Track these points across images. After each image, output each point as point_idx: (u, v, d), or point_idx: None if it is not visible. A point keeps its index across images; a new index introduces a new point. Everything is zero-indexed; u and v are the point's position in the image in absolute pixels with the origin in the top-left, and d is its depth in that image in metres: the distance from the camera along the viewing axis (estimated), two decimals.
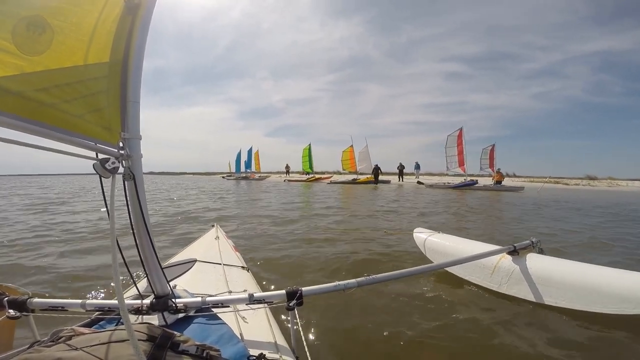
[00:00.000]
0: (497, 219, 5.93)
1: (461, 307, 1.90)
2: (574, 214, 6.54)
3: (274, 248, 3.43)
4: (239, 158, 34.47)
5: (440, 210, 7.16)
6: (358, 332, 1.66)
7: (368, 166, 21.24)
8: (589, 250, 3.41)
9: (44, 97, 0.66)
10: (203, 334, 0.91)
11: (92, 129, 0.75)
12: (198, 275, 1.53)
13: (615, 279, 1.62)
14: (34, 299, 1.04)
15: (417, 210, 6.86)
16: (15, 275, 2.58)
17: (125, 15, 0.81)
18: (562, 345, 1.49)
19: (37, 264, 2.86)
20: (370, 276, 1.24)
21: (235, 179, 30.74)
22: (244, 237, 3.97)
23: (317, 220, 5.47)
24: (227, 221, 5.36)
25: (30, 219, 5.67)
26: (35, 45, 0.66)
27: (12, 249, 3.43)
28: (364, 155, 21.84)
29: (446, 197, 10.59)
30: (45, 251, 3.32)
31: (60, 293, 2.19)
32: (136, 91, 0.85)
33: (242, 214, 6.40)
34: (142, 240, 0.93)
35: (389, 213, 6.48)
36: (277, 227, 4.76)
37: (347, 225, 4.89)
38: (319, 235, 4.14)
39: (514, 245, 1.92)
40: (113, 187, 0.76)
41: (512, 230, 4.60)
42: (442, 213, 6.62)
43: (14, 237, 4.04)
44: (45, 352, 0.60)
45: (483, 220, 5.74)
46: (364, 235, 4.07)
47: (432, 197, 10.68)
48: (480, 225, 5.12)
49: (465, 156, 16.73)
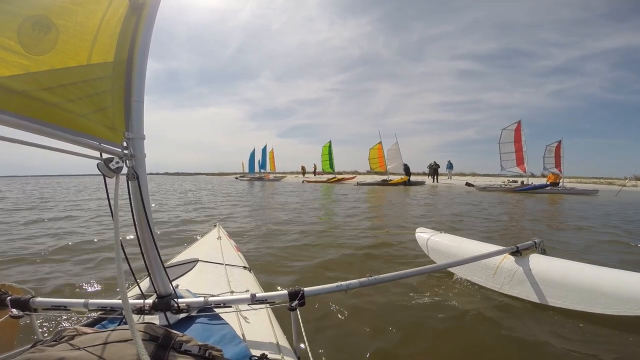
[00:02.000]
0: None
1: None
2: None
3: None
4: (253, 157, 32.21)
5: (551, 225, 5.05)
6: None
7: (399, 165, 19.22)
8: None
9: (49, 96, 0.67)
10: (205, 334, 0.91)
11: (96, 129, 0.75)
12: (200, 275, 1.53)
13: (617, 280, 1.61)
14: (37, 298, 1.05)
15: (521, 229, 4.76)
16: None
17: (129, 15, 0.82)
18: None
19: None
20: (373, 276, 1.24)
21: (249, 180, 28.94)
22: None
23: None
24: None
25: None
26: (41, 45, 0.66)
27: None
28: (394, 153, 19.54)
29: (521, 206, 8.03)
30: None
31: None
32: (140, 91, 0.85)
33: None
34: (145, 239, 0.93)
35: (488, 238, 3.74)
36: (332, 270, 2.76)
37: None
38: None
39: (516, 246, 1.92)
40: (117, 186, 0.76)
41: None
42: (570, 235, 4.20)
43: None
44: (48, 351, 0.60)
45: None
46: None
47: (496, 204, 8.16)
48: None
49: (525, 153, 13.95)
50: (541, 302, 1.77)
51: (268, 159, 29.92)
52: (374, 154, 20.58)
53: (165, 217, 6.17)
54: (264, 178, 28.59)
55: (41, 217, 6.08)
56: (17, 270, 2.74)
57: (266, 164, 30.07)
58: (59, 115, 0.69)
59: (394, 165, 19.49)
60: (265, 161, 30.10)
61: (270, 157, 29.95)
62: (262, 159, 30.36)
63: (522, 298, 1.86)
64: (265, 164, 30.10)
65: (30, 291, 1.08)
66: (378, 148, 20.26)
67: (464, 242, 2.45)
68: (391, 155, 19.68)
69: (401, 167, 19.27)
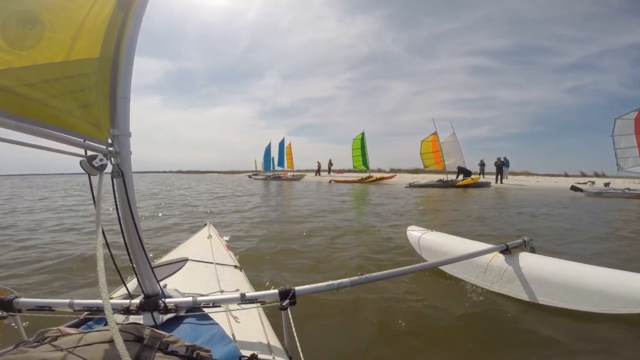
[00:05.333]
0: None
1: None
2: None
3: None
4: (268, 153, 28.00)
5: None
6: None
7: (458, 161, 15.38)
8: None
9: (32, 92, 0.65)
10: (194, 335, 0.90)
11: (81, 125, 0.74)
12: (189, 275, 1.51)
13: (605, 278, 1.64)
14: (21, 298, 1.03)
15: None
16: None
17: (117, 11, 0.81)
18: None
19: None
20: (364, 275, 1.24)
21: (264, 179, 24.88)
22: None
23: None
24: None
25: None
26: (25, 40, 0.65)
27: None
28: (452, 146, 15.59)
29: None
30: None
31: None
32: (126, 88, 0.84)
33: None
34: (131, 238, 0.92)
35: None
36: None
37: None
38: None
39: (506, 244, 1.94)
40: (100, 184, 0.75)
41: None
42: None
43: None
44: (30, 352, 0.59)
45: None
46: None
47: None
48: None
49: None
50: (531, 300, 1.79)
51: (285, 155, 26.08)
52: (427, 147, 16.13)
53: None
54: (281, 177, 24.78)
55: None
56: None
57: (283, 161, 26.33)
58: (42, 112, 0.68)
59: (452, 161, 15.56)
60: (282, 157, 26.30)
61: (288, 153, 26.00)
62: (280, 155, 26.48)
63: (512, 296, 1.88)
64: (283, 161, 26.33)
65: (14, 291, 1.06)
66: (432, 140, 15.85)
67: (454, 240, 2.47)
68: (448, 149, 15.61)
69: (460, 163, 15.24)
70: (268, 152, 28.28)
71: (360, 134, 19.98)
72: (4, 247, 3.55)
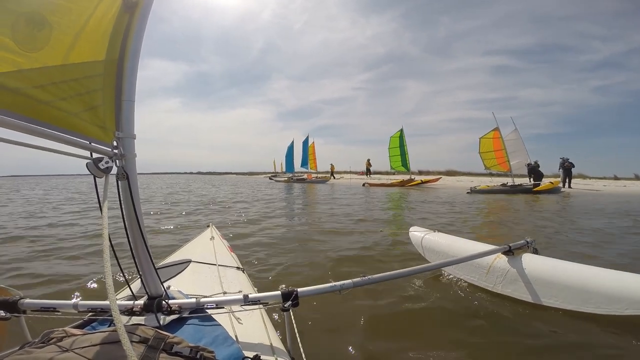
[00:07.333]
0: None
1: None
2: None
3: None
4: (291, 153, 25.79)
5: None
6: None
7: (523, 162, 12.91)
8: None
9: (41, 94, 0.66)
10: (197, 336, 0.90)
11: (87, 128, 0.74)
12: (192, 276, 1.51)
13: (607, 279, 1.63)
14: (26, 299, 1.03)
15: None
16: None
17: (122, 13, 0.81)
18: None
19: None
20: (367, 277, 1.24)
21: (286, 181, 23.41)
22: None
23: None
24: None
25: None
26: (34, 42, 0.65)
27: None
28: (515, 144, 13.01)
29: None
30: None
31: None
32: (131, 90, 0.85)
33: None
34: (135, 240, 0.92)
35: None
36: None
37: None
38: None
39: (509, 245, 1.94)
40: (106, 186, 0.76)
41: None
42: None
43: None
44: (36, 353, 0.59)
45: None
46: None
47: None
48: None
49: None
50: (534, 302, 1.79)
51: (309, 155, 23.89)
52: (488, 145, 13.31)
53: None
54: (306, 179, 22.97)
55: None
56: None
57: (307, 162, 24.25)
58: (51, 114, 0.68)
59: (517, 162, 12.97)
60: (306, 158, 24.12)
61: (311, 153, 23.60)
62: (304, 156, 24.28)
63: (515, 297, 1.88)
64: (307, 162, 24.20)
65: (19, 292, 1.06)
66: (494, 137, 13.14)
67: (457, 241, 2.46)
68: (511, 148, 12.95)
69: (524, 165, 12.82)
70: (290, 151, 26.14)
71: (398, 131, 17.69)
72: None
